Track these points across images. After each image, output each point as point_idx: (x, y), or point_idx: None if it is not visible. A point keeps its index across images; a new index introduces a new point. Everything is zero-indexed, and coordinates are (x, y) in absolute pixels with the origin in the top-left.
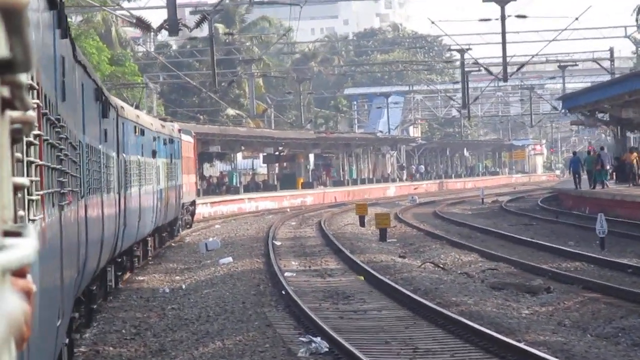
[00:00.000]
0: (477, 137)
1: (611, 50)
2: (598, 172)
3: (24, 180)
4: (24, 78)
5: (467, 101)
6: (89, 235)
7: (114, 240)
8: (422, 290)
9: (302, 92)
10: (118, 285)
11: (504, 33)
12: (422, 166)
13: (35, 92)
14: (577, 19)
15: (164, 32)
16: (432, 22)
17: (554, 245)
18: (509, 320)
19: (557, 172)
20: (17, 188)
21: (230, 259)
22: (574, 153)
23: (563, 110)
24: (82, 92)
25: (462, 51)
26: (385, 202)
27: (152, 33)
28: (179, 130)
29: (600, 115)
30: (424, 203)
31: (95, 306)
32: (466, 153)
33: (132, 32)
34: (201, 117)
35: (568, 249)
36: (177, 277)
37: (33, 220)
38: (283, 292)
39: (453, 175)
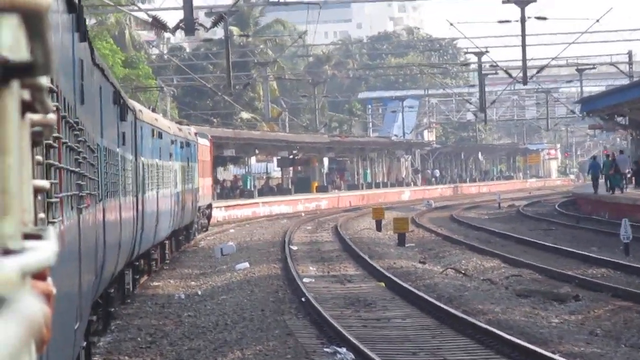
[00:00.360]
0: (491, 141)
1: (630, 54)
2: (613, 177)
3: (44, 183)
4: (44, 81)
5: (484, 104)
6: (106, 238)
7: (131, 244)
8: (446, 298)
9: (316, 95)
10: (135, 288)
11: (523, 35)
12: (437, 170)
13: (54, 95)
14: (598, 20)
15: (178, 35)
16: (451, 24)
17: (577, 251)
18: (540, 330)
19: (572, 176)
20: (37, 191)
21: (246, 264)
22: (594, 157)
23: (580, 114)
24: (100, 95)
25: (479, 54)
26: (400, 206)
27: (165, 35)
28: (195, 134)
29: (619, 119)
30: (440, 207)
31: (113, 309)
32: (480, 157)
33: (145, 35)
34: (215, 120)
35: (592, 255)
36: (193, 283)
37: (52, 223)
38: (303, 299)
39: (467, 180)
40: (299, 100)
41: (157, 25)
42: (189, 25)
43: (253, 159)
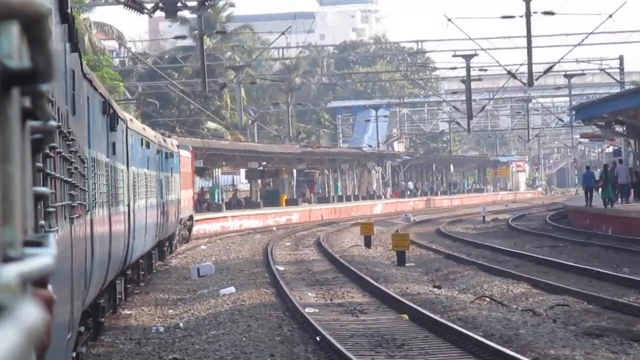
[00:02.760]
0: (460, 152)
1: (621, 59)
2: (603, 189)
3: (45, 190)
4: (45, 88)
5: (470, 111)
6: (95, 248)
7: (123, 253)
8: (498, 337)
9: (290, 102)
10: (127, 298)
11: (529, 33)
12: (411, 182)
13: (50, 104)
14: (611, 16)
15: (139, 45)
16: (449, 20)
17: (611, 273)
18: None
19: (540, 189)
20: (38, 198)
21: (232, 288)
22: (587, 168)
23: (569, 123)
24: (87, 105)
25: (468, 56)
26: (376, 220)
27: (128, 44)
28: (177, 145)
29: (616, 127)
30: (421, 221)
31: (103, 319)
32: (452, 169)
33: (108, 45)
34: (178, 129)
35: (633, 278)
36: (171, 311)
37: (49, 232)
38: (318, 338)
39: (439, 192)
40: (267, 110)
41: (134, 6)
42: (170, 6)
43: (219, 171)
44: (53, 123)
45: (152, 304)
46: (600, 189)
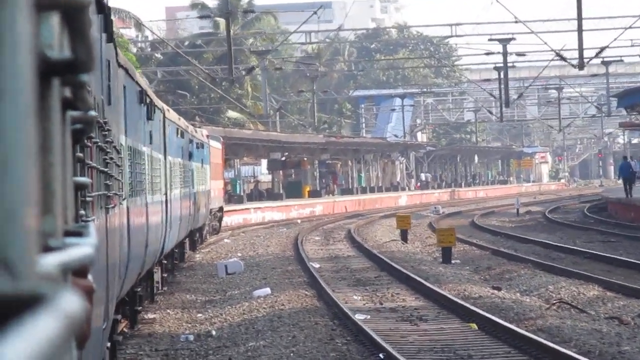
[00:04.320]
0: (482, 143)
1: None
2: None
3: (85, 180)
4: (85, 78)
5: (507, 98)
6: (132, 237)
7: (161, 242)
8: (598, 355)
9: (314, 91)
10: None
11: (580, 13)
12: (423, 174)
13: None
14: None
15: (157, 31)
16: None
17: None
18: None
19: (563, 180)
20: (78, 188)
21: (267, 290)
22: (625, 158)
23: (602, 111)
24: (124, 95)
25: (504, 40)
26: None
27: (146, 34)
28: (207, 136)
29: None
30: (450, 214)
31: (140, 308)
32: (476, 160)
33: (126, 34)
34: (198, 118)
35: None
36: (200, 315)
37: (89, 221)
38: (381, 356)
39: (463, 184)
40: (290, 98)
41: None
42: None
43: (239, 162)
44: (93, 113)
45: (178, 306)
46: None
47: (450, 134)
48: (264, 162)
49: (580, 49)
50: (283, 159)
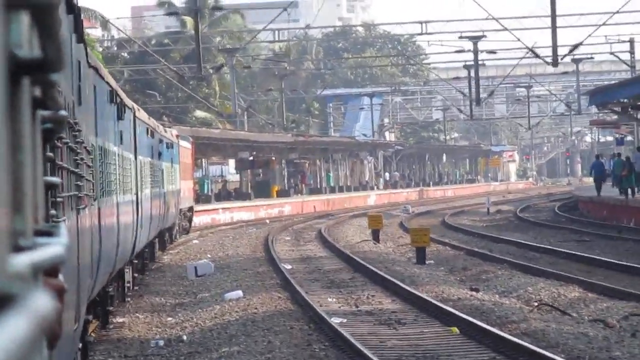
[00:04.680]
0: (450, 142)
1: (631, 41)
2: (625, 179)
3: (56, 180)
4: (55, 77)
5: (478, 97)
6: (103, 237)
7: (132, 242)
8: None
9: (283, 90)
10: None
11: (553, 10)
12: (396, 173)
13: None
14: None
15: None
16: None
17: None
18: None
19: (531, 179)
20: (49, 187)
21: (239, 292)
22: (597, 157)
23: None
24: (94, 95)
25: (475, 38)
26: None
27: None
28: (177, 136)
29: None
30: (420, 213)
31: (111, 308)
32: (444, 159)
33: (92, 34)
34: (165, 118)
35: None
36: (170, 319)
37: (60, 221)
38: None
39: (431, 183)
40: (258, 97)
41: None
42: None
43: (206, 162)
44: (63, 112)
45: (147, 309)
46: (621, 179)
47: (418, 132)
48: (232, 161)
49: (554, 46)
50: (251, 158)
